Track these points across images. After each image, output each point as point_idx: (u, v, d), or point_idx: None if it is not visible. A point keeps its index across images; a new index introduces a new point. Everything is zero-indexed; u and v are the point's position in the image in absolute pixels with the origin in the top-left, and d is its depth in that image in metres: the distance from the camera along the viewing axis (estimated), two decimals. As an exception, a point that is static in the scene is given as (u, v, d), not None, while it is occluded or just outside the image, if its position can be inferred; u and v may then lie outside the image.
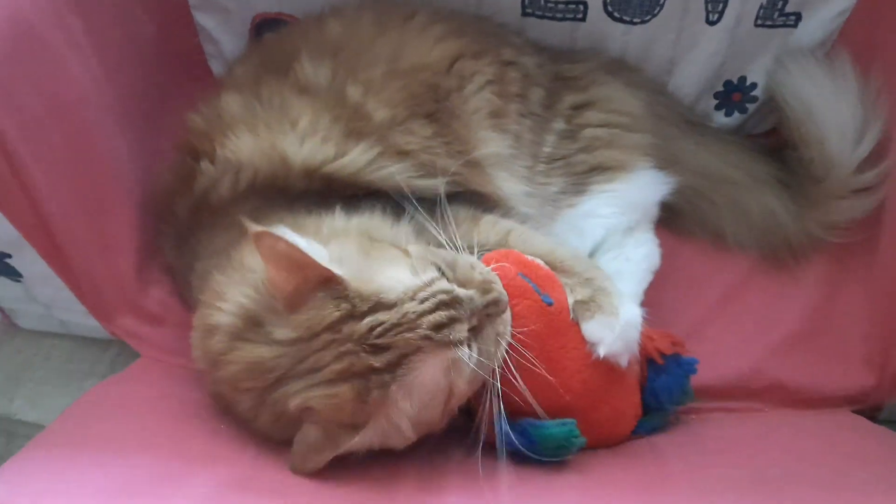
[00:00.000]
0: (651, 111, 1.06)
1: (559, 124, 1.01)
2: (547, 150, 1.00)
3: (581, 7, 1.06)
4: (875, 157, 1.00)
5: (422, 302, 0.66)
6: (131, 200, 0.93)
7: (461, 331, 0.67)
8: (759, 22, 1.07)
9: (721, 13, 1.05)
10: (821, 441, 0.88)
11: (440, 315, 0.66)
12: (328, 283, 0.66)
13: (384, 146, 0.88)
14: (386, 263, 0.70)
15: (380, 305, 0.66)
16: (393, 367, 0.66)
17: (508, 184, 0.94)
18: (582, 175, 0.99)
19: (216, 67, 1.19)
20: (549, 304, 0.78)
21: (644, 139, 1.03)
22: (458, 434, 0.81)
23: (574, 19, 1.08)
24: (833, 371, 0.97)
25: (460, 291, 0.69)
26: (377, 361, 0.65)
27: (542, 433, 0.75)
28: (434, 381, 0.68)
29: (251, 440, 0.75)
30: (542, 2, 1.06)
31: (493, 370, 0.71)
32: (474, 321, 0.69)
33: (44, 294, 0.93)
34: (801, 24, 1.07)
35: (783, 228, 1.05)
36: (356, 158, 0.86)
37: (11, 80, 0.75)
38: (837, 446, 0.87)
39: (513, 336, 0.73)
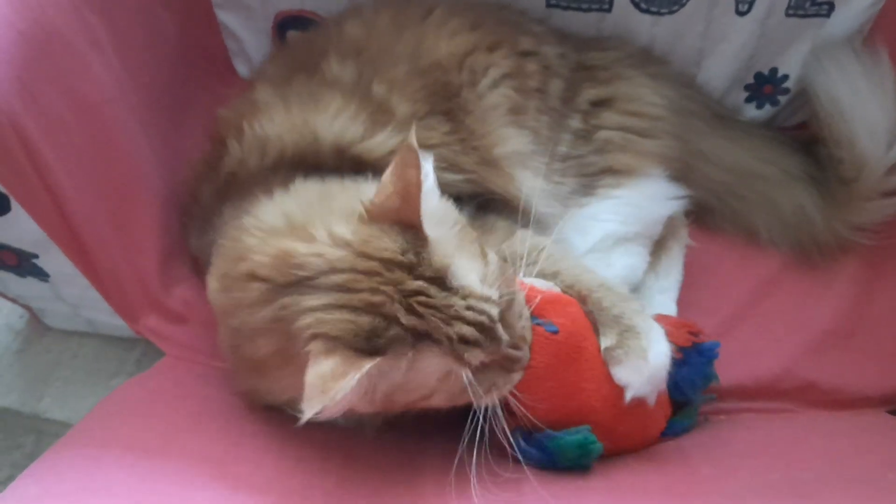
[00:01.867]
0: (676, 107, 1.03)
1: (575, 122, 0.99)
2: (562, 149, 0.98)
3: (607, -3, 1.05)
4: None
5: (468, 309, 0.66)
6: (154, 200, 0.93)
7: (476, 357, 0.67)
8: (791, 12, 1.04)
9: (751, 3, 1.02)
10: (855, 442, 0.86)
11: (472, 332, 0.66)
12: (413, 228, 0.67)
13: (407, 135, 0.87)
14: (467, 254, 0.70)
15: (437, 281, 0.66)
16: (413, 334, 0.65)
17: (530, 182, 0.92)
18: (592, 176, 0.98)
19: (239, 64, 1.20)
20: (554, 333, 0.75)
21: (660, 146, 1.00)
22: (477, 442, 0.81)
23: (600, 10, 1.06)
24: (867, 371, 0.95)
25: (500, 331, 0.68)
26: (405, 319, 0.64)
27: (558, 444, 0.75)
28: (427, 374, 0.67)
29: (273, 442, 0.75)
30: (567, -9, 1.05)
31: (480, 405, 0.70)
32: (488, 360, 0.69)
33: (70, 294, 0.94)
34: (833, 14, 1.04)
35: (812, 225, 1.02)
36: (384, 142, 0.86)
37: (36, 83, 0.75)
38: (872, 448, 0.85)
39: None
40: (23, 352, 1.05)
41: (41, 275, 0.90)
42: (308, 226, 0.68)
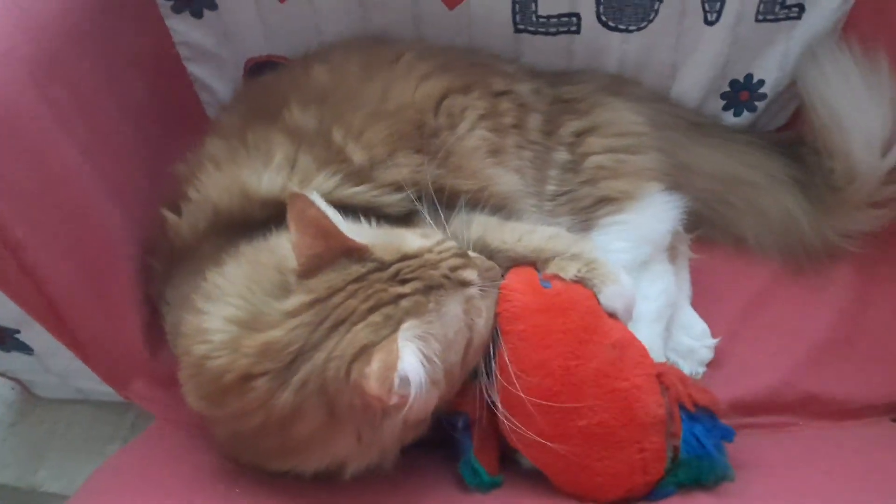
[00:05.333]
0: (655, 123, 1.03)
1: (562, 155, 0.98)
2: (551, 188, 0.97)
3: (574, 19, 1.04)
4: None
5: (439, 253, 0.72)
6: (131, 265, 0.92)
7: (473, 273, 0.73)
8: (761, 17, 1.03)
9: (719, 12, 1.01)
10: (864, 458, 0.84)
11: (455, 260, 0.72)
12: (351, 252, 0.69)
13: (346, 173, 0.86)
14: (397, 235, 0.74)
15: (404, 257, 0.71)
16: (421, 293, 0.69)
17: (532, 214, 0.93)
18: (588, 209, 0.96)
19: (213, 114, 1.18)
20: (547, 287, 0.79)
21: (650, 160, 0.99)
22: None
23: (568, 32, 1.05)
24: (868, 379, 0.93)
25: (470, 252, 0.76)
26: (406, 289, 0.68)
27: (463, 468, 0.79)
28: (456, 316, 0.70)
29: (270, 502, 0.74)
30: (534, 17, 1.04)
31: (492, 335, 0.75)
32: (477, 277, 0.74)
33: (57, 365, 0.93)
34: (804, 16, 1.03)
35: (800, 230, 1.01)
36: (320, 185, 0.84)
37: (3, 163, 0.75)
38: (880, 461, 0.83)
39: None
40: (16, 424, 1.05)
41: (25, 349, 0.90)
42: (260, 315, 0.68)
